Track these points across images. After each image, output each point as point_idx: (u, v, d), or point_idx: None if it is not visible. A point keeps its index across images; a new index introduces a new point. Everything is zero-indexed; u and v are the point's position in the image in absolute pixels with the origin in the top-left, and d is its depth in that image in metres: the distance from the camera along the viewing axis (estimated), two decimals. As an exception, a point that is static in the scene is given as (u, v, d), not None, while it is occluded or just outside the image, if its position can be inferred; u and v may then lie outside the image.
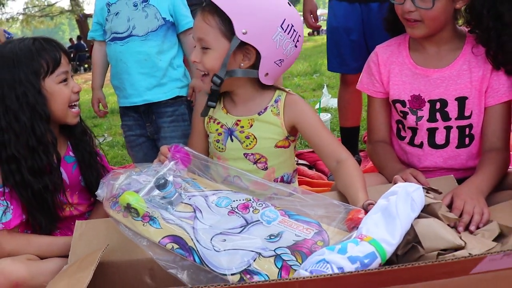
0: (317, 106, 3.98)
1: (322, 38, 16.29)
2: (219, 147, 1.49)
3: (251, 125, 1.44)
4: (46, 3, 23.32)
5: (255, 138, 1.45)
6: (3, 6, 18.93)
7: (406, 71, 1.54)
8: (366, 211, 1.06)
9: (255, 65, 1.36)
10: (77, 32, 24.12)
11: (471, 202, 1.23)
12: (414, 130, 1.57)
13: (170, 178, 1.23)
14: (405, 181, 1.24)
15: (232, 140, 1.47)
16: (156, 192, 1.21)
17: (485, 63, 1.46)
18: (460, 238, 0.99)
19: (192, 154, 1.33)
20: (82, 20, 20.10)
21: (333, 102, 3.99)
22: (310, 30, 22.29)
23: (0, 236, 1.37)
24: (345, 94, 2.45)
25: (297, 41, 1.39)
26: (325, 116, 3.27)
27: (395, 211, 0.98)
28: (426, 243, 0.96)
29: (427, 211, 1.05)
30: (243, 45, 1.32)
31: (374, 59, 1.61)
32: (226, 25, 1.31)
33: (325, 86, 4.76)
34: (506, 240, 1.06)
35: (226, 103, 1.49)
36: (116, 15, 1.83)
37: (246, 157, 1.47)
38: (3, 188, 1.38)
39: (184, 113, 1.90)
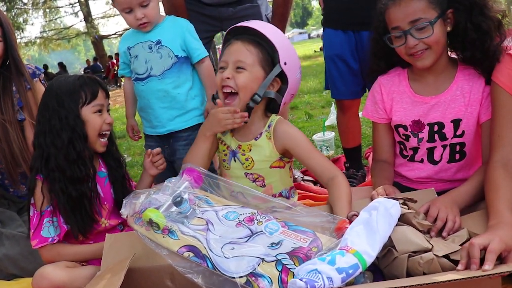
0: (326, 123, 4.09)
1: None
2: (225, 166, 1.72)
3: (250, 150, 1.66)
4: (62, 26, 23.89)
5: (253, 160, 1.67)
6: (22, 31, 19.42)
7: (406, 99, 1.68)
8: (350, 221, 1.23)
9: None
10: (92, 52, 24.53)
11: (444, 210, 1.37)
12: (415, 150, 1.71)
13: (186, 196, 1.39)
14: (386, 194, 1.39)
15: (235, 161, 1.69)
16: (174, 208, 1.37)
17: (476, 86, 1.59)
18: (429, 242, 1.16)
19: (203, 173, 1.50)
20: (98, 41, 20.52)
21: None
22: (322, 45, 21.95)
23: (42, 249, 1.62)
24: (343, 119, 2.54)
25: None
26: (329, 135, 3.33)
27: (376, 226, 1.14)
28: (399, 247, 1.13)
29: (402, 220, 1.22)
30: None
31: (377, 89, 1.75)
32: (265, 56, 1.60)
33: (333, 104, 4.79)
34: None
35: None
36: (136, 57, 1.99)
37: (246, 176, 1.69)
38: (50, 207, 1.61)
39: None
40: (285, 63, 1.60)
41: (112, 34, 22.51)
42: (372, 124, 1.83)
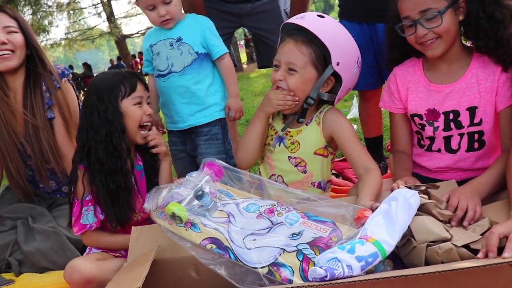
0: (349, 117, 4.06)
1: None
2: (270, 149, 1.75)
3: (298, 134, 1.69)
4: (86, 27, 24.26)
5: (299, 144, 1.69)
6: (48, 33, 19.82)
7: (421, 88, 1.69)
8: (373, 211, 1.24)
9: (330, 91, 1.65)
10: (116, 52, 24.84)
11: (465, 200, 1.36)
12: (432, 139, 1.72)
13: (207, 190, 1.42)
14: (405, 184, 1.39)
15: (279, 145, 1.72)
16: (195, 202, 1.40)
17: (491, 74, 1.59)
18: (448, 231, 1.16)
19: (223, 167, 1.52)
20: (121, 41, 20.76)
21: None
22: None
23: (83, 235, 1.71)
24: (365, 108, 2.56)
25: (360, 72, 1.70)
26: (351, 128, 3.34)
27: (395, 216, 1.15)
28: (418, 236, 1.14)
29: (422, 209, 1.23)
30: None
31: (393, 80, 1.76)
32: (318, 55, 1.58)
33: (355, 97, 4.68)
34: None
35: (284, 116, 1.75)
36: (157, 55, 2.04)
37: (289, 159, 1.71)
38: (89, 197, 1.68)
39: (218, 133, 2.10)
40: (338, 63, 1.58)
41: (135, 33, 22.75)
42: (389, 115, 1.83)
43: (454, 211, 1.35)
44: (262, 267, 1.21)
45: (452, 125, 1.65)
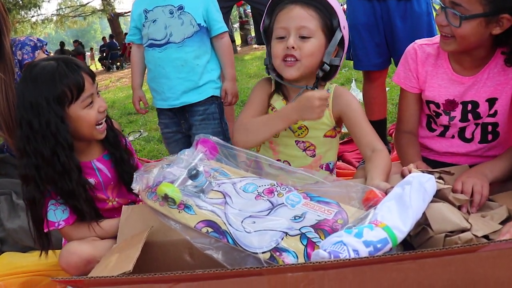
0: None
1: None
2: None
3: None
4: (78, 3, 23.79)
5: (307, 128, 1.58)
6: (39, 8, 19.39)
7: (443, 75, 1.55)
8: (386, 193, 1.14)
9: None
10: (108, 30, 24.46)
11: (469, 181, 1.27)
12: (446, 127, 1.61)
13: (201, 168, 1.32)
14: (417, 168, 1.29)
15: (285, 130, 1.58)
16: (189, 182, 1.31)
17: None
18: (467, 220, 1.07)
19: (219, 144, 1.42)
20: (114, 19, 20.42)
21: (362, 97, 3.96)
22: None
23: (67, 230, 1.51)
24: (369, 89, 2.45)
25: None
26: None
27: (409, 201, 1.06)
28: (435, 226, 1.05)
29: (438, 195, 1.13)
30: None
31: (412, 56, 1.61)
32: (326, 20, 1.49)
33: (353, 81, 4.59)
34: (512, 223, 1.11)
35: (286, 94, 1.62)
36: (153, 22, 1.88)
37: (297, 144, 1.60)
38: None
39: (215, 112, 1.98)
40: (344, 27, 1.51)
41: (128, 12, 22.34)
42: (400, 91, 1.70)
43: None
44: (263, 252, 1.13)
45: (469, 116, 1.54)
